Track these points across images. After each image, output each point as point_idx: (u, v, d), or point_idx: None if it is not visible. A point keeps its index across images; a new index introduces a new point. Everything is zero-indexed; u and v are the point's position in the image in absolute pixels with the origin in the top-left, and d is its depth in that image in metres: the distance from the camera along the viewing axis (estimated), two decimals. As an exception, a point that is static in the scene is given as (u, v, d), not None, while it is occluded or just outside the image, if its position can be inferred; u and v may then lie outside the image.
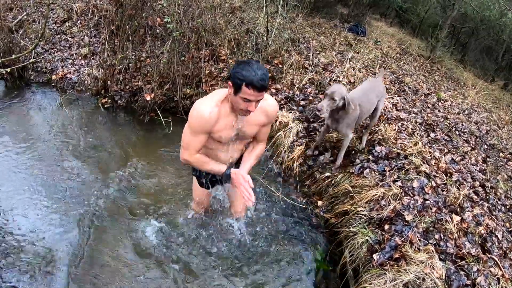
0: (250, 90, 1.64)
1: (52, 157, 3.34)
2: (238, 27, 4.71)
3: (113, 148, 3.57)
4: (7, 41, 4.26)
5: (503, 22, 7.53)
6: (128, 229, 2.72)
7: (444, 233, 2.53)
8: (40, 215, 2.76)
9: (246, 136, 2.01)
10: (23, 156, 3.29)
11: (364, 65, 5.02)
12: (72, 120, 3.89)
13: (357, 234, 2.64)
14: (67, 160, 3.33)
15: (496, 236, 2.62)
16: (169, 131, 3.84)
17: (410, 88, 4.83)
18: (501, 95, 7.61)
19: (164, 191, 3.10)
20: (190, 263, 2.54)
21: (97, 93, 4.27)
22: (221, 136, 1.91)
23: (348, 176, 3.09)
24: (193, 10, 3.96)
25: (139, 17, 4.03)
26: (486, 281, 2.27)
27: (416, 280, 2.23)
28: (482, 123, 4.69)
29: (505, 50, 9.61)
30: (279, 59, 4.61)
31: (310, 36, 5.72)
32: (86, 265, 2.43)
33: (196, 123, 1.81)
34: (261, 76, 1.61)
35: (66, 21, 5.26)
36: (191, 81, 4.14)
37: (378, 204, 2.77)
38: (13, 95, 4.21)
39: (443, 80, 6.55)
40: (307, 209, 3.11)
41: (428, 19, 10.48)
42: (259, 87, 1.62)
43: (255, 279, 2.52)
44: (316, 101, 3.96)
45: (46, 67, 4.58)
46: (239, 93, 1.67)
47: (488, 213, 2.79)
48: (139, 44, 4.33)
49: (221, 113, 1.83)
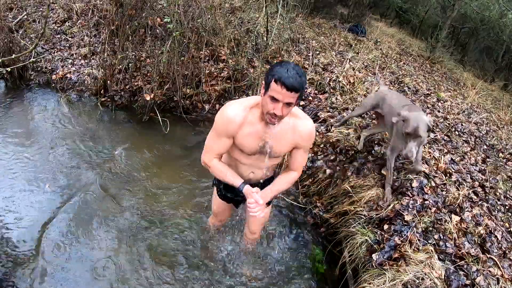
0: (279, 87, 1.50)
1: (52, 157, 3.34)
2: (238, 27, 4.72)
3: (113, 148, 3.57)
4: (7, 40, 4.26)
5: (503, 23, 7.55)
6: (124, 228, 2.73)
7: (444, 233, 2.53)
8: (40, 216, 2.76)
9: (273, 152, 1.81)
10: (23, 156, 3.29)
11: (364, 65, 5.02)
12: (72, 120, 3.89)
13: (356, 234, 2.65)
14: (66, 160, 3.33)
15: (495, 236, 2.62)
16: (166, 131, 3.85)
17: (410, 88, 4.84)
18: (500, 95, 7.61)
19: (163, 191, 3.10)
20: (185, 261, 2.54)
21: (97, 93, 4.27)
22: (244, 144, 1.76)
23: (347, 177, 3.09)
24: (193, 10, 3.96)
25: (139, 17, 4.03)
26: (485, 281, 2.27)
27: (415, 280, 2.23)
28: (482, 123, 4.69)
29: (505, 51, 9.63)
30: (279, 59, 4.62)
31: (310, 36, 5.72)
32: (88, 267, 2.44)
33: (220, 125, 1.72)
34: (293, 74, 1.49)
35: (66, 21, 5.26)
36: (191, 81, 4.14)
37: (377, 204, 2.77)
38: (13, 95, 4.22)
39: (443, 80, 6.56)
40: (306, 209, 3.12)
41: (428, 19, 10.50)
42: (289, 85, 1.48)
43: (254, 278, 2.52)
44: (316, 101, 3.97)
45: (46, 67, 4.58)
46: (268, 91, 1.55)
47: (487, 213, 2.78)
48: (139, 44, 4.33)
49: (248, 119, 1.70)
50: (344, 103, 3.92)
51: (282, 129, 1.72)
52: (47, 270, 2.37)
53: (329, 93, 4.11)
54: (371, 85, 4.31)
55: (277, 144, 1.77)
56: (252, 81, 4.20)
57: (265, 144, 1.76)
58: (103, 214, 2.82)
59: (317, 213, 3.05)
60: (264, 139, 1.75)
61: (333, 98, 3.99)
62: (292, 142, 1.80)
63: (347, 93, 4.09)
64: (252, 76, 4.22)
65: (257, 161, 1.87)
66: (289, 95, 1.51)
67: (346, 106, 3.85)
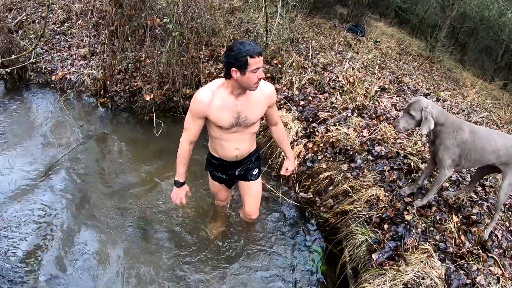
0: (255, 58, 1.79)
1: (51, 157, 3.34)
2: (238, 27, 4.72)
3: (112, 148, 3.57)
4: (6, 41, 4.27)
5: (502, 22, 7.55)
6: (123, 226, 2.73)
7: (444, 233, 2.53)
8: (39, 216, 2.76)
9: (249, 121, 2.04)
10: (22, 157, 3.29)
11: (363, 65, 5.03)
12: (72, 121, 3.89)
13: (356, 234, 2.65)
14: (66, 160, 3.33)
15: (495, 235, 2.62)
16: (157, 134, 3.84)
17: (409, 88, 4.83)
18: (500, 94, 7.61)
19: (162, 190, 3.10)
20: (183, 258, 2.54)
21: (97, 94, 4.27)
22: (219, 119, 1.98)
23: (347, 176, 3.09)
24: (192, 10, 3.96)
25: (139, 17, 4.03)
26: (486, 280, 2.27)
27: (415, 280, 2.23)
28: (482, 122, 4.69)
29: (504, 50, 9.63)
30: (278, 59, 4.62)
31: (309, 36, 5.72)
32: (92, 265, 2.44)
33: (193, 107, 1.97)
34: (253, 44, 1.81)
35: (65, 21, 5.26)
36: (191, 81, 4.14)
37: (377, 204, 2.77)
38: (12, 96, 4.21)
39: (443, 79, 6.56)
40: (306, 209, 3.11)
41: (427, 19, 10.51)
42: (259, 52, 1.80)
43: (254, 278, 2.52)
44: (316, 101, 3.97)
45: (46, 68, 4.58)
46: (247, 68, 1.80)
47: (487, 213, 2.79)
48: (138, 45, 4.33)
49: (217, 96, 1.95)
50: (344, 103, 3.92)
51: (250, 98, 1.98)
52: (45, 269, 2.37)
53: (329, 93, 4.11)
54: (370, 85, 4.31)
55: (250, 111, 2.02)
56: (251, 81, 4.20)
57: (239, 114, 2.00)
58: (103, 214, 2.82)
59: (317, 213, 3.05)
60: (237, 110, 1.98)
61: (333, 98, 3.99)
62: (265, 103, 2.07)
63: (347, 93, 4.09)
64: (251, 76, 4.21)
65: (237, 134, 2.09)
66: (261, 59, 1.83)
67: (345, 106, 3.85)
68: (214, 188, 2.55)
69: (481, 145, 2.35)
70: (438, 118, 2.32)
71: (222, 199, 2.68)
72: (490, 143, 2.35)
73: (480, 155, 2.37)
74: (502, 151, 2.36)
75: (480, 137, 2.36)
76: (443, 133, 2.35)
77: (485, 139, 2.36)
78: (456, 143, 2.34)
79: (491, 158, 2.38)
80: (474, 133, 2.36)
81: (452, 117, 2.37)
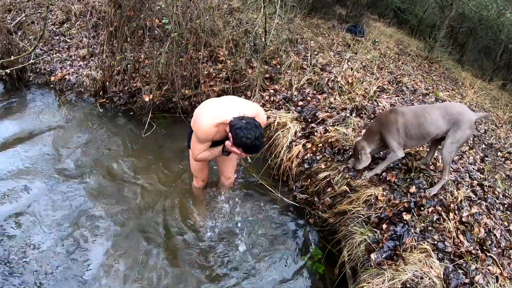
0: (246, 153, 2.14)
1: (50, 158, 3.34)
2: (237, 28, 4.72)
3: (112, 148, 3.57)
4: (6, 42, 4.26)
5: (501, 22, 7.57)
6: (123, 225, 2.73)
7: (442, 232, 2.54)
8: (39, 216, 2.76)
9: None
10: (21, 158, 3.29)
11: (362, 66, 5.03)
12: (71, 121, 3.89)
13: (355, 234, 2.65)
14: (65, 161, 3.33)
15: (494, 234, 2.62)
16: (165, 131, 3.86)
17: (408, 88, 4.84)
18: (499, 94, 7.63)
19: (162, 191, 3.11)
20: (184, 258, 2.54)
21: (96, 94, 4.27)
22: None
23: (346, 176, 3.09)
24: (191, 11, 3.97)
25: (138, 18, 4.03)
26: (484, 280, 2.27)
27: (414, 279, 2.23)
28: (480, 122, 4.70)
29: (503, 50, 9.65)
30: (277, 60, 4.63)
31: (308, 37, 5.73)
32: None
33: (201, 136, 2.26)
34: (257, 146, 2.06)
35: (64, 22, 5.26)
36: (190, 82, 4.14)
37: (375, 204, 2.77)
38: (12, 97, 4.21)
39: (441, 80, 6.57)
40: (305, 209, 3.12)
41: (426, 19, 10.53)
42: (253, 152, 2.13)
43: (253, 278, 2.52)
44: (314, 101, 3.97)
45: (45, 69, 4.58)
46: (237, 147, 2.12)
47: (486, 212, 2.79)
48: (137, 45, 4.33)
49: (219, 132, 2.24)
50: (343, 103, 3.93)
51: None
52: (42, 269, 2.37)
53: (328, 93, 4.12)
54: (369, 85, 4.32)
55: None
56: (250, 82, 4.20)
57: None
58: (102, 214, 2.82)
59: (316, 213, 3.06)
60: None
61: (332, 98, 4.00)
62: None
63: (346, 93, 4.10)
64: (250, 77, 4.22)
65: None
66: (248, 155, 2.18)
67: (344, 106, 3.86)
68: (195, 168, 2.69)
69: (417, 122, 2.65)
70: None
71: (204, 178, 2.82)
72: (425, 117, 2.64)
73: (421, 131, 2.66)
74: (440, 122, 2.63)
75: (416, 115, 2.65)
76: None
77: (421, 115, 2.65)
78: (397, 127, 2.68)
79: (432, 130, 2.66)
80: (407, 114, 2.69)
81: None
